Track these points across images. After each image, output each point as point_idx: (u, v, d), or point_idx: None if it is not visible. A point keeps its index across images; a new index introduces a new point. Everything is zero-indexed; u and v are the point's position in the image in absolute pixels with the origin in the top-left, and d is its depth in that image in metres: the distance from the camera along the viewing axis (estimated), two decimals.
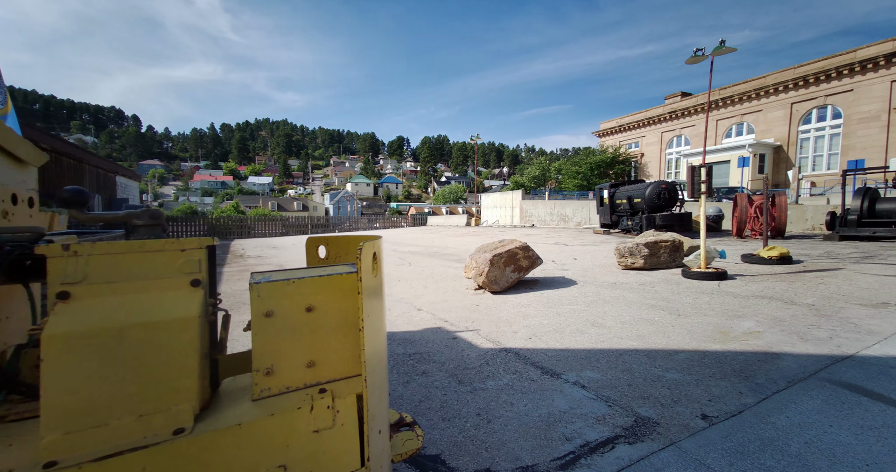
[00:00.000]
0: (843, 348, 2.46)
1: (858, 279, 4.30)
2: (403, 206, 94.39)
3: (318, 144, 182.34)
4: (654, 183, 10.31)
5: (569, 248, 9.33)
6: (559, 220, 20.51)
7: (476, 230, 19.87)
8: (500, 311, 3.79)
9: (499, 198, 25.86)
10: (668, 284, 4.67)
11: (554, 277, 5.59)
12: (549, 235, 14.21)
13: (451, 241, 13.37)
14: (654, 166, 31.61)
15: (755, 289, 4.16)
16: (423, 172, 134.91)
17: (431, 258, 8.56)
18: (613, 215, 12.68)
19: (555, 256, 7.90)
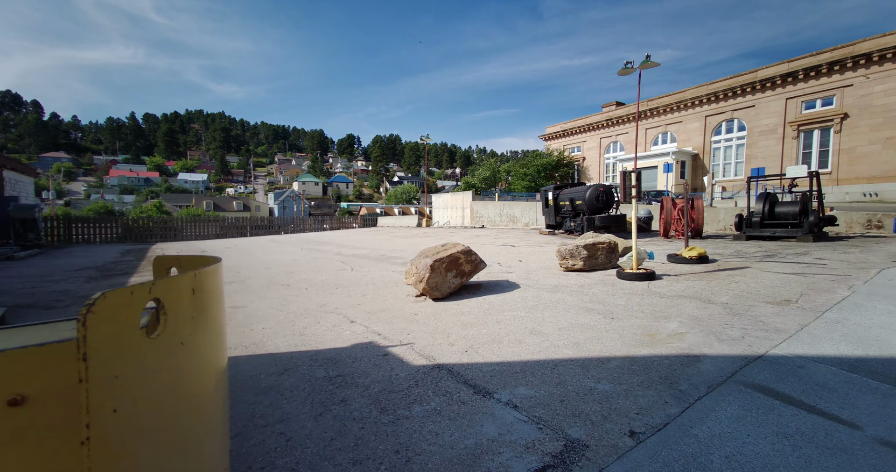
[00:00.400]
0: (755, 348, 2.59)
1: (763, 278, 4.73)
2: (354, 206, 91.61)
3: (260, 139, 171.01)
4: (593, 186, 10.85)
5: (515, 249, 9.47)
6: (508, 220, 21.00)
7: (427, 231, 19.68)
8: (440, 320, 3.60)
9: (450, 199, 25.92)
10: (605, 285, 4.80)
11: (498, 280, 5.54)
12: (497, 236, 14.42)
13: (400, 243, 13.04)
14: (594, 170, 33.67)
15: (678, 289, 4.40)
16: (375, 172, 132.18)
17: (377, 262, 8.19)
18: (558, 217, 13.17)
19: (501, 258, 7.93)
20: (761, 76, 23.30)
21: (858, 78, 19.75)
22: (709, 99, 25.60)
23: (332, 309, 4.17)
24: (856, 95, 19.93)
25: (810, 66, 21.21)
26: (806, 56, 21.77)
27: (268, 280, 6.16)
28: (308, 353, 2.80)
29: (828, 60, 20.59)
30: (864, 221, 9.04)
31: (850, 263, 5.37)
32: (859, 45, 19.65)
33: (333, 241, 15.66)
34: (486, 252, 8.92)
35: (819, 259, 5.79)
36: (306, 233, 26.19)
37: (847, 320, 3.05)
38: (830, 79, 20.76)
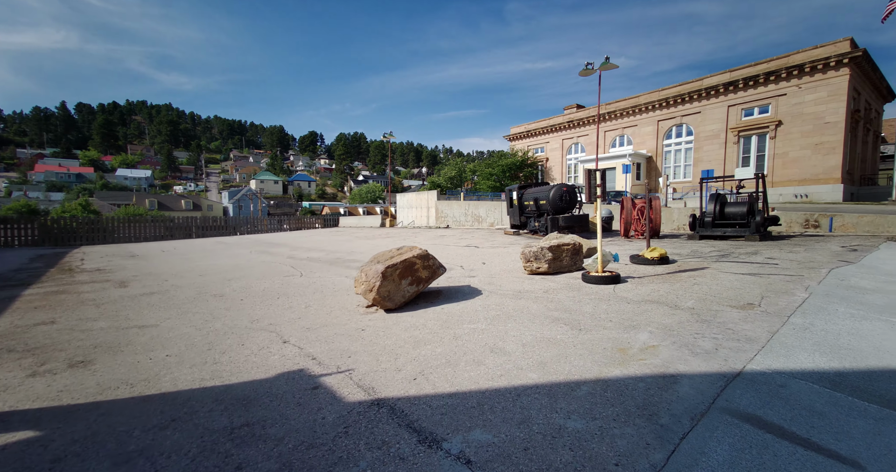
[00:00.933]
0: (731, 363, 2.36)
1: (723, 279, 4.69)
2: (317, 205, 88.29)
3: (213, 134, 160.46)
4: (557, 186, 10.81)
5: (479, 250, 9.17)
6: (473, 220, 20.82)
7: (390, 232, 19.03)
8: (389, 337, 3.13)
9: (414, 198, 25.36)
10: (570, 290, 4.55)
11: (459, 286, 5.15)
12: (462, 236, 14.12)
13: (360, 244, 12.36)
14: (557, 170, 34.45)
15: (644, 292, 4.23)
16: (339, 171, 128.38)
17: (330, 267, 7.55)
18: (522, 216, 13.08)
19: (464, 260, 7.58)
20: (706, 84, 24.80)
21: (791, 88, 21.52)
22: (660, 105, 26.92)
23: (266, 325, 3.58)
24: (789, 104, 21.70)
25: (749, 76, 22.83)
26: (745, 66, 23.43)
27: (198, 290, 5.37)
28: (215, 390, 2.23)
29: (764, 71, 22.26)
30: (802, 220, 9.64)
31: (799, 262, 5.51)
32: (792, 57, 21.42)
33: (288, 242, 14.64)
34: (448, 254, 8.54)
35: (770, 259, 5.92)
36: (261, 234, 24.57)
37: (814, 326, 2.94)
38: (767, 88, 22.47)
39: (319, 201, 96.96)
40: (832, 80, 20.11)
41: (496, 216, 19.52)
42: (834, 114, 20.26)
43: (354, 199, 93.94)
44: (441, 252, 9.00)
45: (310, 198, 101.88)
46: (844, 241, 7.70)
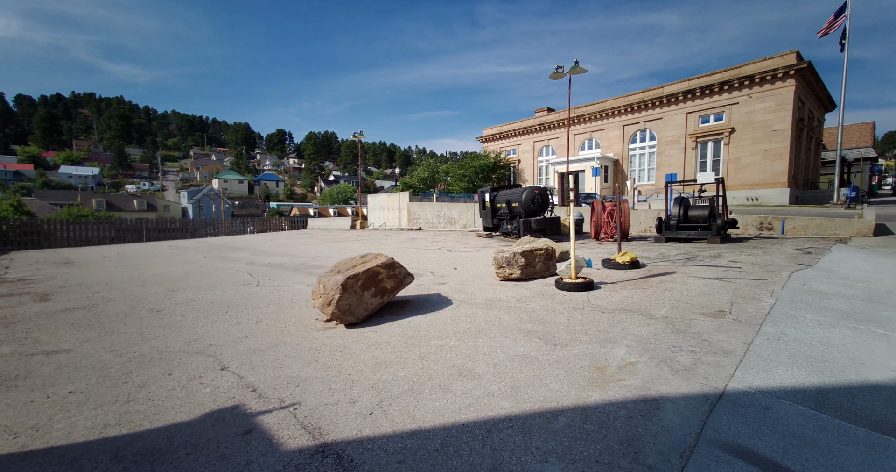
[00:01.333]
0: (712, 381, 2.22)
1: (692, 284, 4.68)
2: (285, 206, 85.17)
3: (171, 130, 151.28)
4: (529, 188, 10.77)
5: (451, 255, 8.92)
6: (446, 222, 20.60)
7: (360, 234, 18.45)
8: (347, 358, 2.80)
9: (386, 199, 24.83)
10: (544, 298, 4.38)
11: (429, 294, 4.86)
12: (434, 239, 13.84)
13: (328, 248, 11.79)
14: (529, 172, 34.94)
15: (618, 300, 4.12)
16: (309, 170, 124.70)
17: (293, 274, 7.05)
18: (494, 219, 12.98)
19: (435, 265, 7.30)
20: (667, 92, 25.94)
21: (743, 97, 22.89)
22: (626, 110, 27.90)
23: (204, 347, 3.13)
24: (741, 112, 23.07)
25: (705, 85, 24.08)
26: (702, 76, 24.70)
27: (133, 304, 4.77)
28: (118, 441, 1.82)
29: (719, 81, 23.55)
30: (757, 223, 10.11)
31: (760, 266, 5.65)
32: (744, 68, 22.79)
33: (250, 246, 13.78)
34: (419, 259, 8.24)
35: (733, 262, 6.05)
36: (222, 237, 23.18)
37: (786, 336, 2.89)
38: (721, 97, 23.78)
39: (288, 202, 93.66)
40: (779, 90, 21.54)
41: (469, 218, 19.40)
42: (781, 122, 21.71)
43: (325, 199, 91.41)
44: (412, 257, 8.68)
45: (278, 198, 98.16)
46: (797, 243, 8.09)
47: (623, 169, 28.64)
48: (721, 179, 8.50)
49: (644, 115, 27.24)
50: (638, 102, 27.08)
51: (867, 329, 3.01)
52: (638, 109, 27.39)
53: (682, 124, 25.49)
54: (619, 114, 28.50)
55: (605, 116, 29.20)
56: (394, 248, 11.10)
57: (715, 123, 24.40)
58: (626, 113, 28.12)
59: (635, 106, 27.30)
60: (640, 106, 27.17)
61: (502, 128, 37.24)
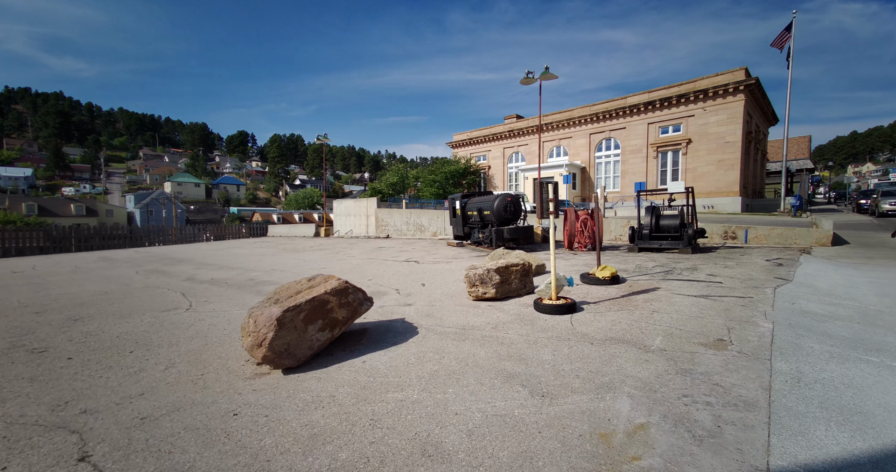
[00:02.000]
0: (749, 457, 1.73)
1: (678, 303, 4.34)
2: (246, 211, 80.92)
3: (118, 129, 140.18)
4: (501, 196, 10.37)
5: (419, 267, 8.28)
6: (415, 229, 19.92)
7: (323, 243, 17.36)
8: (271, 429, 2.09)
9: (353, 205, 23.79)
10: (523, 323, 3.85)
11: (392, 319, 4.20)
12: (402, 248, 13.14)
13: (286, 259, 10.77)
14: (499, 178, 35.02)
15: (605, 325, 3.66)
16: (273, 174, 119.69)
17: (238, 292, 6.12)
18: (466, 227, 12.49)
19: (401, 280, 6.63)
20: (629, 103, 26.90)
21: (698, 109, 24.10)
22: (592, 119, 28.65)
23: (72, 416, 2.29)
24: (697, 124, 24.26)
25: (664, 98, 25.17)
26: (661, 89, 25.82)
27: (14, 340, 3.74)
28: None
29: (676, 93, 24.69)
30: (721, 232, 10.28)
31: (740, 280, 5.45)
32: (699, 82, 24.03)
33: (197, 257, 12.42)
34: (384, 273, 7.53)
35: (712, 276, 5.85)
36: (170, 246, 21.13)
37: (804, 376, 2.50)
38: (679, 109, 24.93)
39: (250, 207, 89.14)
40: (731, 104, 22.83)
41: (439, 225, 18.84)
42: (733, 134, 22.98)
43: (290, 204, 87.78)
44: (376, 270, 7.95)
45: (238, 203, 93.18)
46: (764, 253, 8.16)
47: (590, 176, 29.29)
48: (690, 188, 8.48)
49: (609, 124, 28.04)
50: (603, 112, 27.85)
51: (881, 362, 2.69)
52: (603, 118, 28.17)
53: (644, 134, 26.43)
54: (585, 122, 29.19)
55: (573, 124, 29.82)
56: (358, 259, 10.30)
57: (674, 133, 25.48)
58: (591, 122, 28.85)
59: (600, 115, 28.06)
60: (604, 115, 27.95)
61: (472, 134, 37.22)
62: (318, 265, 9.33)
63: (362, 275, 7.47)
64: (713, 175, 23.83)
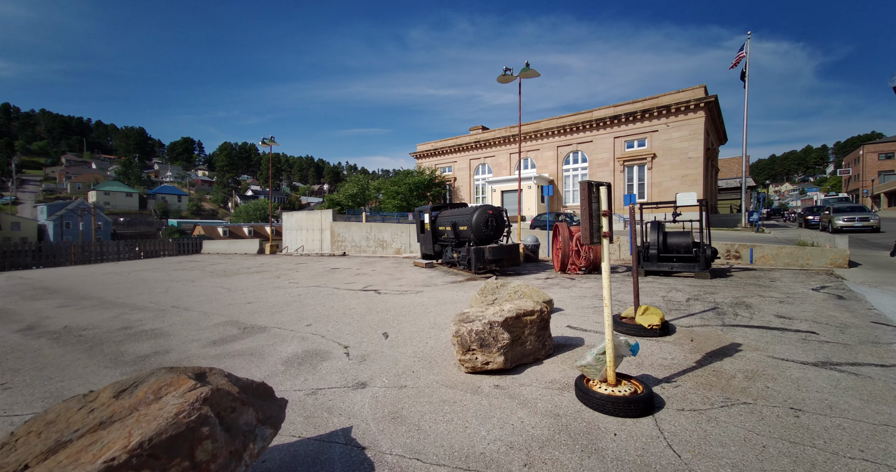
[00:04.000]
0: None
1: (807, 385, 2.76)
2: (188, 223, 73.37)
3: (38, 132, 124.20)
4: (481, 208, 8.65)
5: (381, 299, 6.23)
6: (377, 246, 17.71)
7: (265, 263, 14.64)
8: None
9: (305, 218, 21.10)
10: (577, 446, 1.99)
11: (324, 437, 2.16)
12: (360, 269, 10.95)
13: (204, 289, 8.20)
14: (465, 190, 33.70)
15: (717, 449, 1.89)
16: (222, 184, 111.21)
17: (82, 358, 3.75)
18: (436, 244, 10.61)
19: (354, 327, 4.56)
20: (596, 116, 26.89)
21: (661, 125, 24.40)
22: (559, 131, 28.32)
23: None
24: (661, 139, 24.53)
25: (629, 112, 25.33)
26: (627, 103, 26.05)
27: None
28: None
29: (641, 108, 24.94)
30: (724, 251, 9.27)
31: (831, 326, 4.03)
32: (661, 98, 24.40)
33: (76, 287, 9.35)
34: (332, 312, 5.38)
35: (783, 319, 4.40)
36: (63, 268, 17.15)
37: None
38: (643, 124, 25.16)
39: (193, 219, 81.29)
40: (692, 120, 23.25)
41: (404, 241, 16.79)
42: (695, 150, 23.35)
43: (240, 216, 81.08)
44: (322, 306, 5.79)
45: (179, 215, 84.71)
46: (791, 277, 7.04)
47: (558, 190, 28.76)
48: (703, 201, 7.24)
49: (576, 137, 27.81)
50: (570, 125, 27.60)
51: None
52: (570, 131, 27.91)
53: (611, 148, 26.36)
54: (552, 135, 28.80)
55: (540, 136, 29.35)
56: (301, 286, 8.01)
57: (639, 148, 25.59)
58: (559, 134, 28.50)
59: (568, 128, 27.78)
60: (571, 128, 27.71)
61: (437, 144, 35.85)
62: (241, 298, 6.95)
63: (300, 316, 5.30)
64: (678, 190, 23.96)
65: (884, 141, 58.71)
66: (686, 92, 23.38)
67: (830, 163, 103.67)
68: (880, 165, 56.45)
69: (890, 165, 55.50)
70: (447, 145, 34.86)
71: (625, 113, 25.49)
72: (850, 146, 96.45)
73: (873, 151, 57.35)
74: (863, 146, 60.02)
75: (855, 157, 62.62)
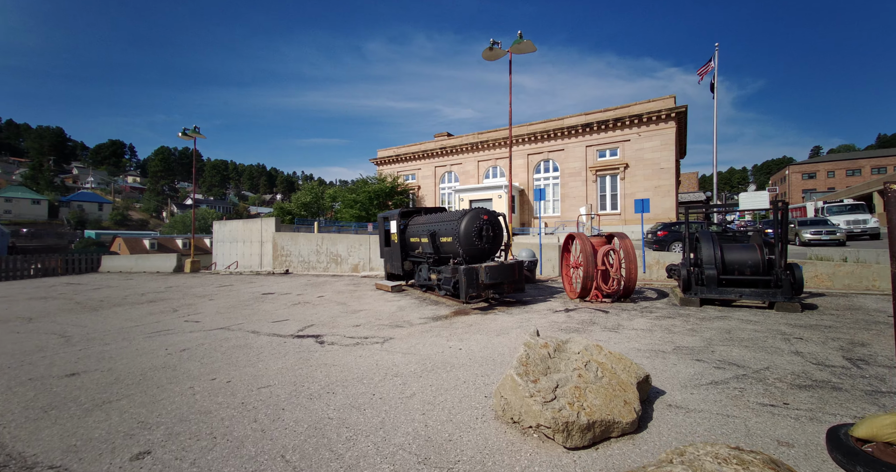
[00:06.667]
0: None
1: None
2: (108, 235, 63.83)
3: None
4: (472, 213, 6.24)
5: (321, 358, 3.50)
6: (329, 261, 14.64)
7: (176, 285, 11.06)
8: None
9: (241, 228, 17.48)
10: None
11: None
12: (302, 295, 8.02)
13: (17, 341, 4.89)
14: (430, 200, 31.36)
15: None
16: (155, 191, 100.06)
17: None
18: (406, 261, 8.00)
19: (252, 453, 1.84)
20: (567, 124, 25.98)
21: (633, 134, 23.89)
22: (529, 139, 27.08)
23: None
24: (633, 149, 23.98)
25: (601, 120, 24.66)
26: (598, 111, 25.41)
27: None
28: None
29: (612, 117, 24.35)
30: None
31: None
32: (633, 107, 23.96)
33: None
34: (222, 392, 2.52)
35: None
36: None
37: None
38: (615, 133, 24.55)
39: (115, 230, 71.23)
40: (664, 130, 22.87)
41: (362, 255, 13.91)
42: (667, 161, 22.91)
43: (174, 227, 72.27)
44: (201, 384, 2.90)
45: (100, 225, 74.00)
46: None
47: (529, 199, 27.31)
48: (783, 203, 5.35)
49: (547, 145, 26.67)
50: (540, 132, 26.44)
51: None
52: (541, 138, 26.75)
53: (583, 157, 25.43)
54: (522, 142, 27.49)
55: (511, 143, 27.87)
56: (201, 328, 5.01)
57: (611, 157, 24.86)
58: (529, 142, 27.24)
59: (538, 135, 26.59)
60: (542, 136, 26.55)
61: (400, 150, 33.39)
62: (70, 358, 3.86)
63: (138, 419, 2.43)
64: (651, 201, 23.30)
65: (806, 162, 65.26)
66: (657, 101, 23.04)
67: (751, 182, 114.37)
68: (804, 184, 62.38)
69: (812, 184, 61.57)
70: (411, 151, 32.50)
71: (596, 121, 24.74)
72: (766, 169, 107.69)
73: (798, 171, 63.40)
74: (788, 167, 66.28)
75: (781, 176, 69.08)
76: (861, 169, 59.02)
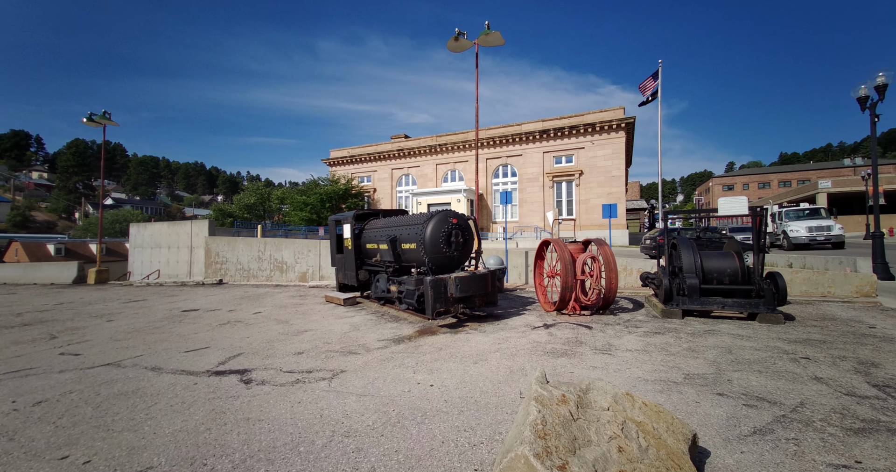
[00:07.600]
0: None
1: None
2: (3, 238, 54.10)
3: None
4: (439, 216, 5.44)
5: (244, 407, 2.47)
6: (273, 269, 13.04)
7: (69, 301, 8.97)
8: None
9: (165, 232, 15.18)
10: None
11: None
12: (235, 310, 6.66)
13: None
14: (386, 203, 30.12)
15: None
16: (66, 189, 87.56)
17: None
18: (362, 270, 6.98)
19: None
20: (525, 130, 26.26)
21: (587, 142, 24.67)
22: (488, 143, 27.00)
23: None
24: (587, 157, 24.74)
25: (557, 127, 25.21)
26: (555, 118, 25.96)
27: None
28: None
29: (568, 125, 24.98)
30: None
31: None
32: (586, 116, 24.76)
33: None
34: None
35: None
36: None
37: None
38: (570, 140, 25.21)
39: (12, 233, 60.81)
40: (615, 140, 23.84)
41: (311, 262, 12.53)
42: (617, 169, 23.88)
43: (90, 229, 63.24)
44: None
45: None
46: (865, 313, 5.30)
47: (487, 204, 27.14)
48: (762, 209, 5.17)
49: (505, 150, 26.72)
50: (499, 137, 26.44)
51: None
52: (499, 143, 26.75)
53: (541, 163, 25.78)
54: (482, 147, 27.29)
55: (468, 147, 27.64)
56: (78, 365, 3.67)
57: (567, 164, 25.44)
58: (488, 146, 27.13)
59: (497, 140, 26.57)
60: (501, 141, 26.57)
61: (355, 151, 31.82)
62: None
63: None
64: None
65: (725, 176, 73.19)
66: (609, 112, 23.98)
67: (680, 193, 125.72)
68: (724, 195, 69.82)
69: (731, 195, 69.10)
70: (366, 152, 31.08)
71: (553, 128, 25.23)
72: (691, 180, 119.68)
73: (719, 183, 70.76)
74: (711, 179, 73.77)
75: (706, 187, 76.69)
76: (770, 182, 67.14)
